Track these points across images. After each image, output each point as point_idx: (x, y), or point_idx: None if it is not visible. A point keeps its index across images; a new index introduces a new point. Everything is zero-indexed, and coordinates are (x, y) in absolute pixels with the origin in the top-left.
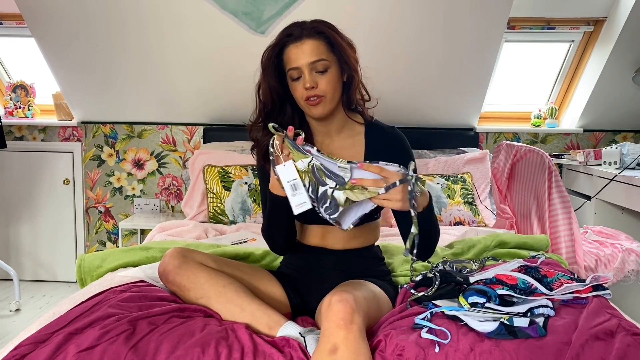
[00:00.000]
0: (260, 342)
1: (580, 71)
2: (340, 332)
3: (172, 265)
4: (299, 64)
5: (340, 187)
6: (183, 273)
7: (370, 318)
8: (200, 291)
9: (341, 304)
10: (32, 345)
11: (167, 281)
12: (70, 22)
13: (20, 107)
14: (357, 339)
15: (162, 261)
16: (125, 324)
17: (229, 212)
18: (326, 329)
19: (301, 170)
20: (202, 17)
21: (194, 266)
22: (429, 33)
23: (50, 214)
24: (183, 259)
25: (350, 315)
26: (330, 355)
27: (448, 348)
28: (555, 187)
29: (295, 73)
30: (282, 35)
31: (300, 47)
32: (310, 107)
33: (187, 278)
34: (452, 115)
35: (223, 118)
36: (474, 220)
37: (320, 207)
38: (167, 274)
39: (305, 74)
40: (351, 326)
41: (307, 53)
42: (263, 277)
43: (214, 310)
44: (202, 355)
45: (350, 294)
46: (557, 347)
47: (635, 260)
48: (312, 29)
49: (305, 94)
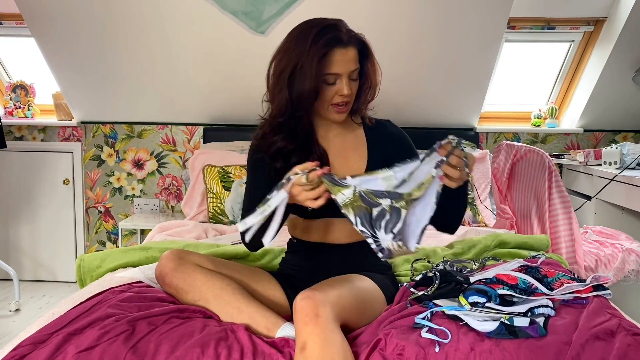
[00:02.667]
0: (260, 343)
1: (580, 71)
2: (306, 328)
3: (169, 267)
4: (341, 70)
5: (397, 200)
6: (180, 275)
7: (348, 310)
8: (198, 293)
9: (304, 301)
10: (32, 346)
11: (164, 284)
12: (70, 22)
13: (20, 107)
14: (325, 331)
15: (158, 264)
16: (124, 325)
17: (228, 212)
18: (296, 329)
19: (345, 202)
20: (202, 17)
21: (190, 268)
22: (429, 33)
23: (50, 214)
24: (179, 261)
25: (314, 309)
26: (301, 353)
27: (448, 347)
28: (556, 187)
29: (332, 78)
30: (329, 33)
31: (346, 54)
32: (336, 112)
33: (184, 280)
34: (452, 115)
35: (223, 118)
36: (474, 220)
37: (379, 229)
38: (163, 277)
39: (344, 81)
40: (316, 320)
41: (350, 61)
42: (261, 278)
43: (212, 312)
44: (201, 355)
45: (316, 291)
46: (557, 346)
47: (635, 260)
48: (355, 36)
49: (338, 99)
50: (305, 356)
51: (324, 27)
